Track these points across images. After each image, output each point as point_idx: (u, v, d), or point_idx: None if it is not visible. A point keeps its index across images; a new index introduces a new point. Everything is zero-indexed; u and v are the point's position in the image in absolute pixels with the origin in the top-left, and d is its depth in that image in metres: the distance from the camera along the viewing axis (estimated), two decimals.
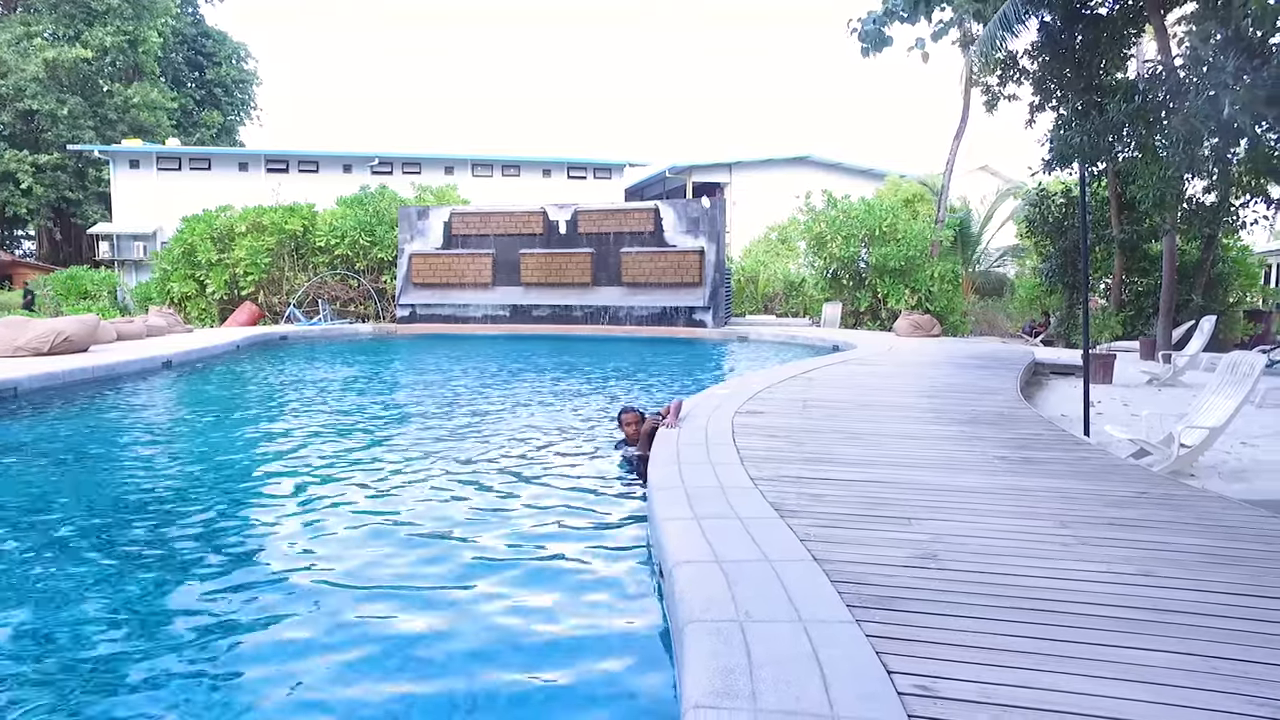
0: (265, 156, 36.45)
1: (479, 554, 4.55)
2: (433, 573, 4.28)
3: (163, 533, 4.91)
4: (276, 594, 3.98)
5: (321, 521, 5.11)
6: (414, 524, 5.07)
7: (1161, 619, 2.92)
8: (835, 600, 3.01)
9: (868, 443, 6.08)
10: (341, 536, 4.83)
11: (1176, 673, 2.51)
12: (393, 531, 4.91)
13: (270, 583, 4.12)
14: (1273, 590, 3.22)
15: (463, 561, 4.44)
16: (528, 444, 7.58)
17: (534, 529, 5.02)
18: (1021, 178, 26.35)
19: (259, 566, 4.39)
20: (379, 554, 4.52)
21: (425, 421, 8.90)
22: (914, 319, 19.79)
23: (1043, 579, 3.29)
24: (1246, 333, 20.28)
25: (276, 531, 4.95)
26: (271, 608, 3.82)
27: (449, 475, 6.34)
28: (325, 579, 4.15)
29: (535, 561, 4.45)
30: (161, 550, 4.64)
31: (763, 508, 4.24)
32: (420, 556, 4.50)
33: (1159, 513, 4.29)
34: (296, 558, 4.46)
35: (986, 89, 20.04)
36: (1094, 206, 20.86)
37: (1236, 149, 11.35)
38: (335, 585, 4.06)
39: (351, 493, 5.80)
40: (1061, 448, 6.10)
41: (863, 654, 2.58)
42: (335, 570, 4.27)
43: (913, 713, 2.24)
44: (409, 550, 4.60)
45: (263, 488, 6.13)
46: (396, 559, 4.46)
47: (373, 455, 7.14)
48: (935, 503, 4.42)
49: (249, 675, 3.21)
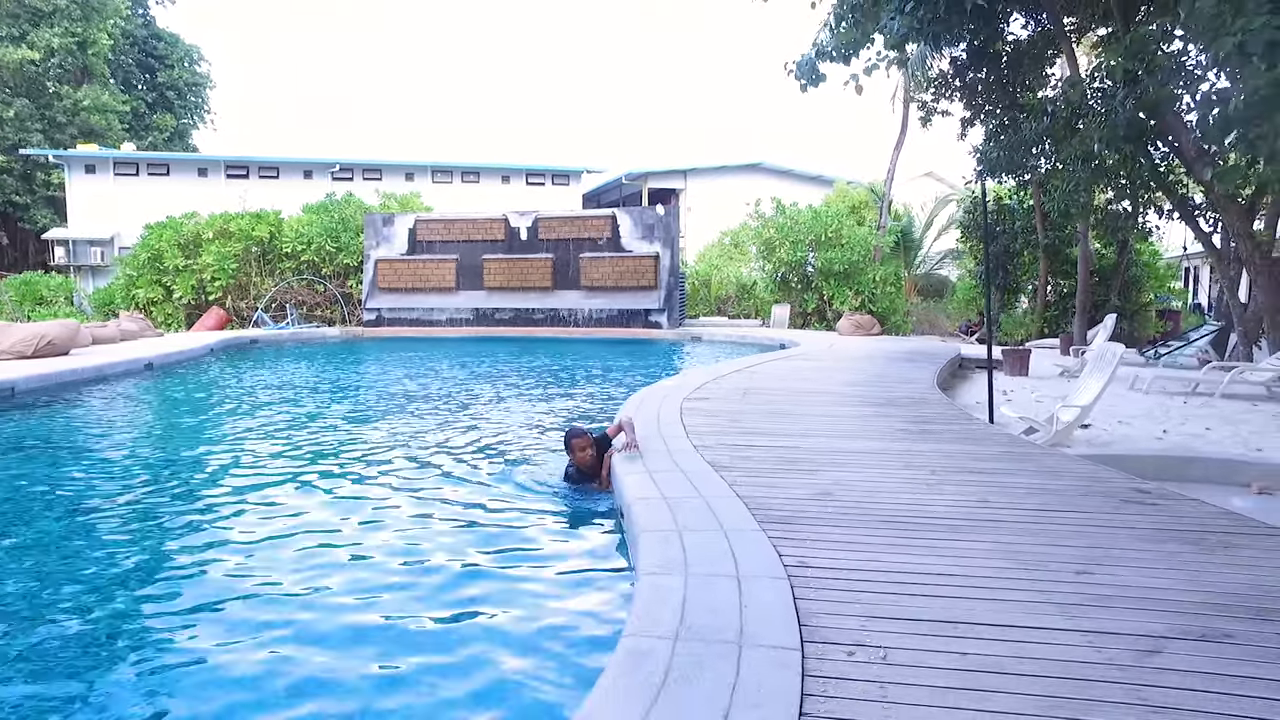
0: (225, 163, 36.68)
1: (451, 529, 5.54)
2: (418, 533, 5.23)
3: (158, 517, 5.47)
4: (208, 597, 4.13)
5: (304, 508, 5.62)
6: (393, 509, 5.87)
7: (982, 525, 4.05)
8: (749, 519, 4.09)
9: (794, 420, 7.21)
10: (328, 523, 5.31)
11: (983, 554, 3.63)
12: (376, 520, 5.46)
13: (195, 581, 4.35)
14: (1068, 507, 4.39)
15: (452, 530, 5.42)
16: (506, 441, 8.57)
17: (516, 510, 6.01)
18: (969, 180, 28.00)
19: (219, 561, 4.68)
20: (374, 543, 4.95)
21: (393, 417, 9.82)
22: (855, 319, 21.12)
23: (905, 506, 4.42)
24: (1158, 330, 22.03)
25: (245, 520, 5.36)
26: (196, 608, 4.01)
27: (420, 464, 7.30)
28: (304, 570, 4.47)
29: (522, 534, 5.46)
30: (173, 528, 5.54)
31: (701, 465, 5.31)
32: (404, 542, 5.00)
33: (1010, 465, 5.46)
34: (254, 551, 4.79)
35: (922, 105, 21.45)
36: (1021, 214, 22.45)
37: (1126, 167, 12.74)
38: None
39: (336, 477, 6.46)
40: (956, 424, 7.29)
41: (764, 547, 3.66)
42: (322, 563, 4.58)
43: (790, 573, 3.32)
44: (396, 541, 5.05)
45: (244, 476, 6.54)
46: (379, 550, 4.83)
47: (343, 445, 8.06)
48: (839, 461, 5.54)
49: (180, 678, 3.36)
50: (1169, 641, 2.73)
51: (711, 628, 2.81)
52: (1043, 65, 18.71)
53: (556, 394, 11.44)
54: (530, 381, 12.81)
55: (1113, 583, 3.28)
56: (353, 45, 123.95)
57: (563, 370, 14.43)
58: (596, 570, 4.41)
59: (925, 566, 3.48)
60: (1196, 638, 2.76)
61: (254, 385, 12.55)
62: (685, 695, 2.35)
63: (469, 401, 10.67)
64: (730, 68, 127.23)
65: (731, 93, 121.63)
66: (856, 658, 2.61)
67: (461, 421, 9.07)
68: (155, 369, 14.16)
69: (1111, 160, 12.66)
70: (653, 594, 3.13)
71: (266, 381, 13.02)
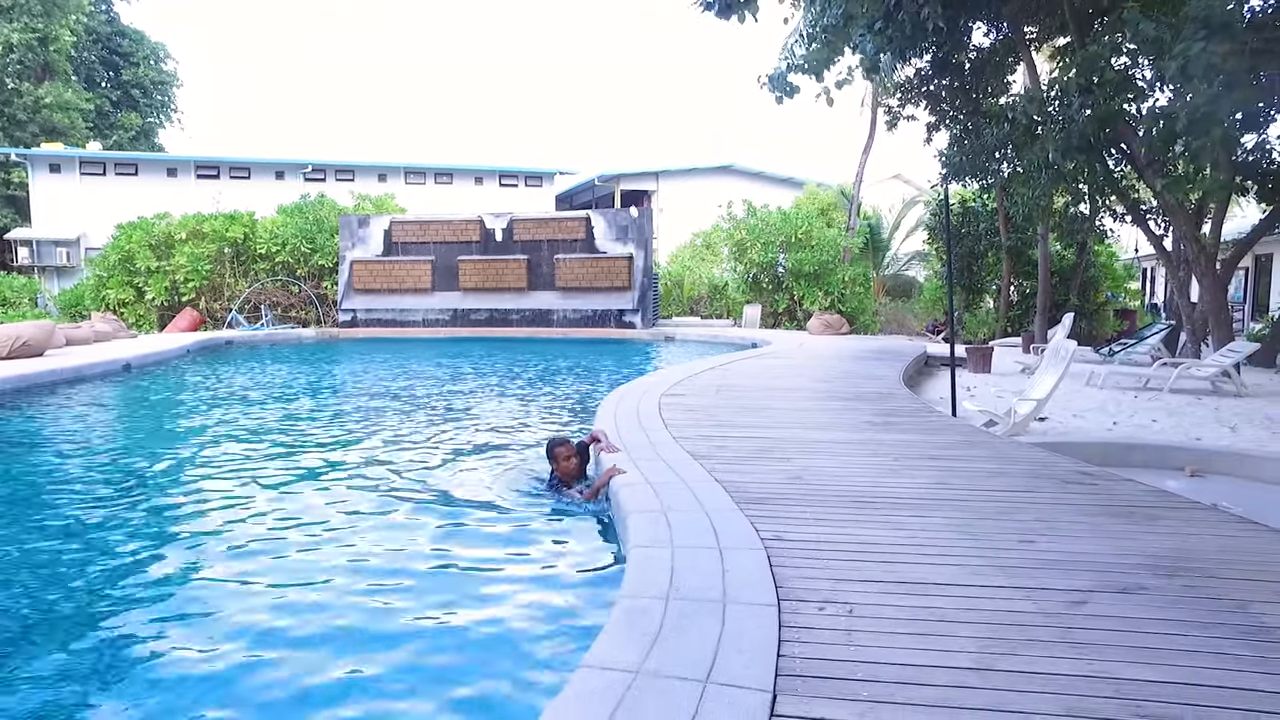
0: (195, 163, 36.42)
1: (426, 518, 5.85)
2: (399, 540, 5.51)
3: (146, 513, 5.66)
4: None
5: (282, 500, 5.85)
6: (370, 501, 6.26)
7: (939, 504, 4.46)
8: (728, 501, 4.46)
9: (767, 414, 7.60)
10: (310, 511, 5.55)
11: (938, 528, 4.02)
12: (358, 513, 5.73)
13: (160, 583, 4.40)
14: (1018, 487, 4.81)
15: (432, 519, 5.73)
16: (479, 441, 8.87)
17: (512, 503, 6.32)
18: (934, 183, 28.70)
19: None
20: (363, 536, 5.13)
21: (372, 419, 10.07)
22: (825, 318, 21.64)
23: (869, 488, 4.82)
24: (1115, 328, 22.81)
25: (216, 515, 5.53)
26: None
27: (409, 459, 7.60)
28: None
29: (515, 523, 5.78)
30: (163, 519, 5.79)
31: (681, 454, 5.68)
32: (390, 527, 5.29)
33: (968, 452, 5.89)
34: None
35: (889, 110, 22.01)
36: (985, 216, 23.15)
37: (1084, 173, 13.33)
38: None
39: (316, 479, 6.54)
40: (919, 417, 7.72)
41: (742, 524, 4.03)
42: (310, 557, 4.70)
43: (766, 545, 3.69)
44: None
45: (225, 477, 6.60)
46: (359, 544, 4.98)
47: (321, 443, 8.32)
48: (809, 450, 5.93)
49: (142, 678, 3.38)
50: (1095, 594, 3.13)
51: (698, 589, 3.17)
52: (1004, 73, 19.35)
53: (535, 394, 11.75)
54: (509, 382, 13.10)
55: (1051, 549, 3.69)
56: (324, 45, 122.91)
57: (540, 370, 14.73)
58: (584, 586, 4.18)
59: (886, 538, 3.86)
60: (1118, 590, 3.17)
61: (234, 386, 12.70)
62: (679, 641, 2.70)
63: (449, 402, 10.93)
64: (701, 70, 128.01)
65: (702, 95, 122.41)
66: (826, 611, 2.98)
67: (442, 424, 9.22)
68: (134, 369, 14.24)
69: (1070, 166, 13.25)
70: (644, 564, 3.48)
71: (245, 383, 13.16)
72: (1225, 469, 6.18)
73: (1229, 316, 14.48)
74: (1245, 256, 20.60)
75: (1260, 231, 14.09)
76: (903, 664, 2.58)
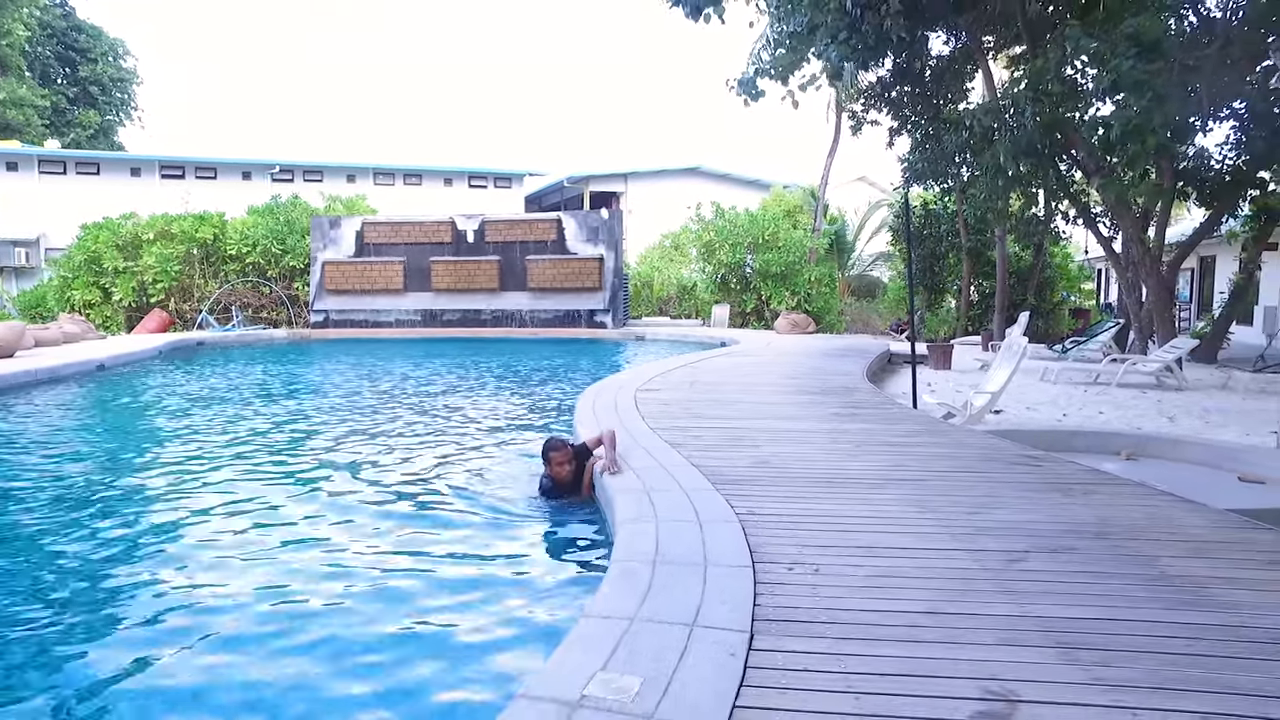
0: (159, 162, 36.06)
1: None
2: (394, 523, 5.85)
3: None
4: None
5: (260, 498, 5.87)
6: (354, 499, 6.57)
7: (896, 482, 4.88)
8: (705, 481, 4.85)
9: (737, 407, 8.01)
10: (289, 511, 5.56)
11: (894, 502, 4.44)
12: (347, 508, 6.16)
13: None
14: (969, 469, 5.26)
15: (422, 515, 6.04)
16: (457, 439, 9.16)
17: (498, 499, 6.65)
18: (897, 185, 29.41)
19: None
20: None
21: (352, 422, 10.33)
22: (792, 318, 22.18)
23: (833, 470, 5.23)
24: (1070, 327, 23.64)
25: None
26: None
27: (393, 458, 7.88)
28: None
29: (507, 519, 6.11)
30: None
31: (658, 443, 6.05)
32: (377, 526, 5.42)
33: (924, 439, 6.35)
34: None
35: (853, 114, 22.61)
36: (946, 219, 23.86)
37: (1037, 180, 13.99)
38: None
39: (296, 482, 6.47)
40: (881, 409, 8.18)
41: (718, 501, 4.41)
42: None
43: (741, 518, 4.08)
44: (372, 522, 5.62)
45: (204, 480, 6.53)
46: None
47: (297, 441, 8.58)
48: (777, 438, 6.35)
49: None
50: (1031, 554, 3.57)
51: (682, 555, 3.55)
52: (963, 80, 20.03)
53: (512, 393, 12.04)
54: (484, 381, 13.38)
55: (995, 519, 4.13)
56: (292, 45, 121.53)
57: (515, 369, 15.02)
58: (578, 598, 3.94)
59: (848, 512, 4.27)
60: (1051, 551, 3.61)
61: (210, 387, 12.80)
62: (668, 595, 3.07)
63: (427, 402, 11.17)
64: (669, 72, 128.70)
65: (670, 97, 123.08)
66: (794, 570, 3.38)
67: (422, 425, 9.11)
68: (108, 370, 14.28)
69: (1024, 170, 13.87)
70: (632, 535, 3.85)
71: (221, 384, 13.25)
72: (1157, 453, 6.71)
73: (1172, 315, 15.22)
74: (1190, 258, 21.50)
75: (1200, 234, 14.84)
76: (862, 609, 2.98)
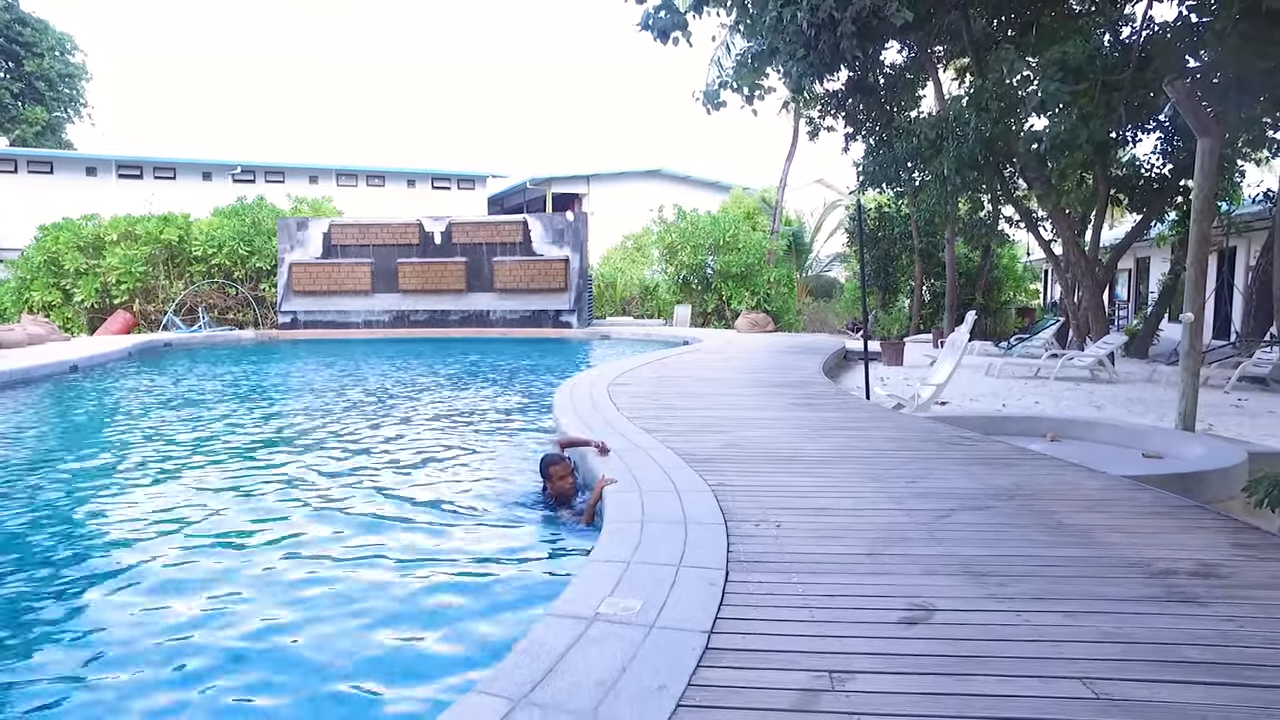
0: (117, 162, 35.69)
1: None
2: (385, 515, 6.37)
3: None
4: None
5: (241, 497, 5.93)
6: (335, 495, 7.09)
7: (846, 460, 5.56)
8: (679, 460, 5.47)
9: (703, 398, 8.67)
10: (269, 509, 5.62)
11: (843, 475, 5.11)
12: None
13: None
14: (910, 448, 5.96)
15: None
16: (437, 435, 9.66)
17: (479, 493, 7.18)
18: (853, 189, 30.37)
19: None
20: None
21: (331, 423, 10.77)
22: (752, 317, 22.97)
23: (791, 450, 5.90)
24: (1017, 325, 24.77)
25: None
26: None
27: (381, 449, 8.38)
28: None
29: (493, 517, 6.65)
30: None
31: (635, 430, 6.67)
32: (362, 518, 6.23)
33: (873, 424, 7.06)
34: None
35: (810, 120, 23.45)
36: (899, 221, 24.84)
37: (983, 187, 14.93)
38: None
39: (274, 486, 6.35)
40: (836, 400, 8.89)
41: (692, 475, 5.04)
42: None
43: (713, 488, 4.71)
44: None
45: (183, 484, 6.49)
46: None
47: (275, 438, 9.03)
48: (741, 424, 7.00)
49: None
50: (955, 511, 4.25)
51: (665, 517, 4.16)
52: (915, 88, 20.98)
53: (485, 389, 12.54)
54: (457, 380, 13.85)
55: (929, 486, 4.82)
56: (251, 44, 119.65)
57: (485, 368, 15.52)
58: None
59: (805, 483, 4.94)
60: (971, 509, 4.30)
61: (184, 388, 12.90)
62: (656, 546, 3.69)
63: (403, 401, 11.65)
64: (630, 74, 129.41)
65: (632, 100, 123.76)
66: (760, 527, 4.02)
67: (402, 427, 9.04)
68: (80, 371, 14.46)
69: (971, 177, 14.77)
70: (619, 504, 4.46)
71: (194, 384, 13.38)
72: (1077, 434, 7.49)
73: (1105, 313, 16.26)
74: (1127, 260, 22.69)
75: (1131, 238, 15.89)
76: (815, 553, 3.63)
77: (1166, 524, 4.03)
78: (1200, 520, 4.07)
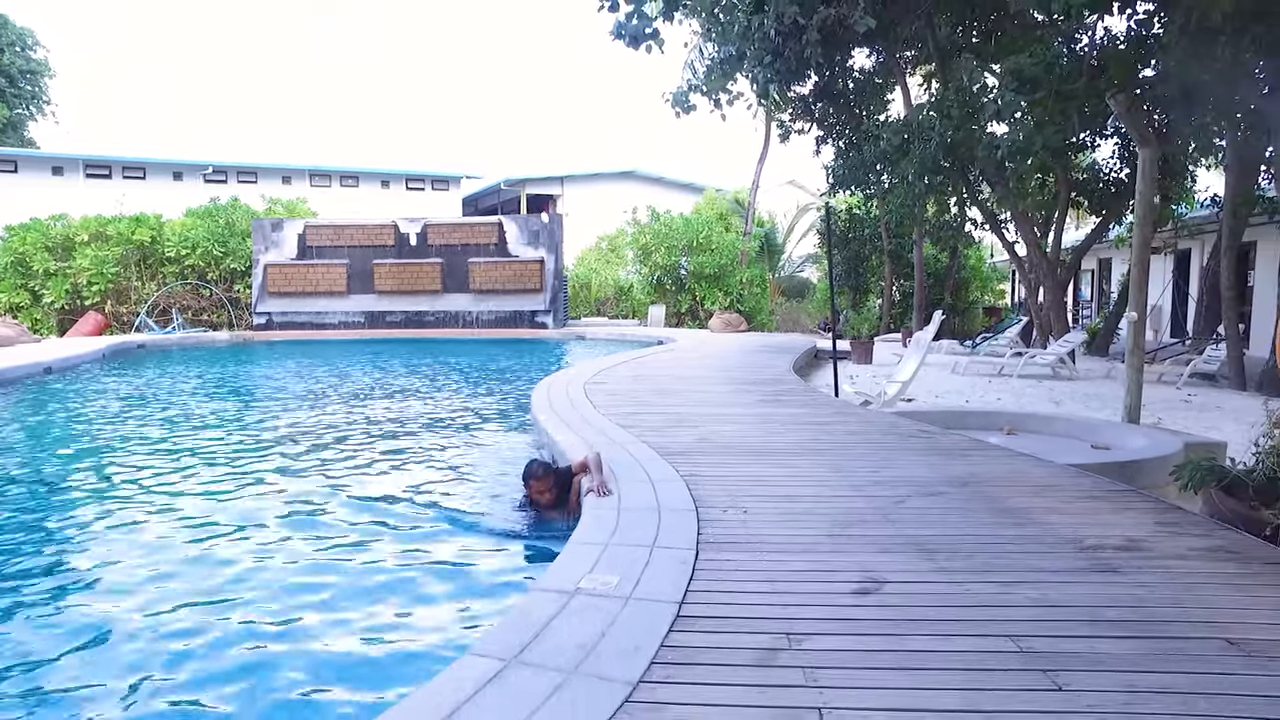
0: (84, 161, 35.30)
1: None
2: (355, 522, 6.58)
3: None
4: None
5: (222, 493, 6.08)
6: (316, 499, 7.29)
7: (812, 452, 5.86)
8: (653, 453, 5.75)
9: (677, 396, 8.95)
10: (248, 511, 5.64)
11: (809, 466, 5.41)
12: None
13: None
14: (873, 441, 6.28)
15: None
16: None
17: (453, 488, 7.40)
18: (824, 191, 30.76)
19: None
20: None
21: (311, 424, 10.92)
22: (725, 317, 23.33)
23: (760, 443, 6.20)
24: (984, 324, 25.35)
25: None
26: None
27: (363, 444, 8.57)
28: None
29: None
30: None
31: (611, 425, 6.94)
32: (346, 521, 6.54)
33: (839, 419, 7.38)
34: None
35: (781, 123, 23.85)
36: (869, 223, 25.33)
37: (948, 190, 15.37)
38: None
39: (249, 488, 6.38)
40: (805, 397, 9.21)
41: (666, 467, 5.32)
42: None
43: (685, 478, 4.99)
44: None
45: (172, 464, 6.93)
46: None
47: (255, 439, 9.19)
48: (713, 420, 7.30)
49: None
50: (911, 497, 4.57)
51: (640, 505, 4.43)
52: (884, 92, 21.43)
53: (462, 390, 12.74)
54: (434, 381, 14.03)
55: (889, 474, 5.13)
56: (221, 43, 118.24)
57: (461, 368, 15.70)
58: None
59: (772, 473, 5.23)
60: (926, 495, 4.62)
61: (159, 390, 12.89)
62: (632, 531, 3.96)
63: (382, 403, 11.82)
64: (604, 76, 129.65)
65: (605, 101, 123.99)
66: (728, 512, 4.30)
67: (379, 426, 9.08)
68: (54, 373, 14.44)
69: (936, 180, 15.20)
70: (597, 497, 4.72)
71: (169, 385, 13.40)
72: (1033, 428, 7.87)
73: (1066, 313, 16.78)
74: (1090, 260, 23.30)
75: (1091, 240, 16.43)
76: (779, 535, 3.92)
77: (1101, 506, 4.37)
78: (1131, 503, 4.42)
